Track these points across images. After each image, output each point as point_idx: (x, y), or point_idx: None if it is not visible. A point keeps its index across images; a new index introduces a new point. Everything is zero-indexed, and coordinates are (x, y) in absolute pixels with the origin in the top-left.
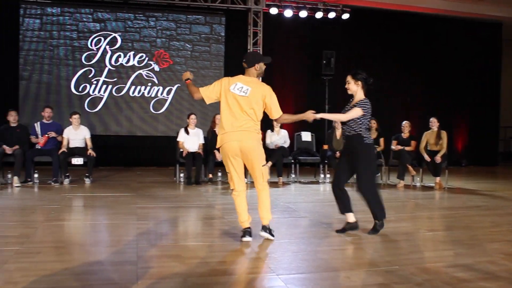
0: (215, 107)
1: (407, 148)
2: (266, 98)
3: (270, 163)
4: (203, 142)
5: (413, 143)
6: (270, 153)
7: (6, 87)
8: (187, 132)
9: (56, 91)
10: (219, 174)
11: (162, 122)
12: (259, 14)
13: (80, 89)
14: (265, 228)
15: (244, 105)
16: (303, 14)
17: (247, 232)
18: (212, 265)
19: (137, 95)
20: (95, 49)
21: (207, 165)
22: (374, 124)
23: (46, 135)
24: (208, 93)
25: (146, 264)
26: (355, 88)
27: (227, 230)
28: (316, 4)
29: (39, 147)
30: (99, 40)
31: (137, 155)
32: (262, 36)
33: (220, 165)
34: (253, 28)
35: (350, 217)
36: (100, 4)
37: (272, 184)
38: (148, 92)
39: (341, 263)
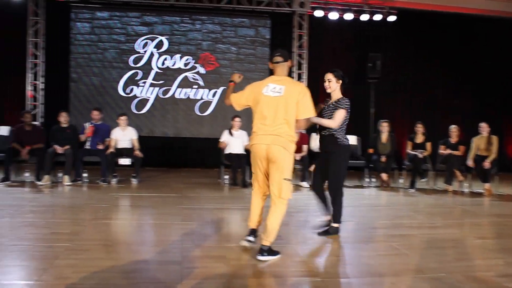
0: None
1: (455, 153)
2: (301, 98)
3: (314, 166)
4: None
5: (461, 148)
6: (315, 156)
7: (58, 89)
8: (231, 134)
9: (105, 93)
10: None
11: (207, 124)
12: (304, 16)
13: (127, 91)
14: (262, 251)
15: (279, 106)
16: (348, 16)
17: (253, 232)
18: (256, 267)
19: (183, 97)
20: (143, 52)
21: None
22: (420, 128)
23: (92, 125)
24: (237, 100)
25: (190, 264)
26: (335, 87)
27: None
28: (362, 6)
29: (88, 139)
30: (146, 43)
31: (183, 157)
32: (308, 39)
33: None
34: (298, 31)
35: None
36: (148, 8)
37: None
38: (194, 95)
39: (386, 268)
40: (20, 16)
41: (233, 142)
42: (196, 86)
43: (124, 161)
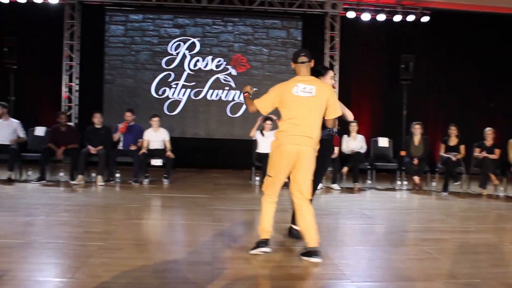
0: None
1: (490, 156)
2: (330, 97)
3: (346, 169)
4: None
5: (497, 151)
6: (346, 158)
7: (92, 91)
8: (262, 134)
9: (138, 94)
10: None
11: (238, 125)
12: (336, 18)
13: (160, 93)
14: (314, 253)
15: (312, 106)
16: (381, 17)
17: (266, 242)
18: (287, 269)
19: (214, 98)
20: (175, 54)
21: None
22: (454, 130)
23: (126, 121)
24: (263, 104)
25: (221, 265)
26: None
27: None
28: (395, 7)
29: (121, 138)
30: (179, 45)
31: (214, 158)
32: (339, 40)
33: None
34: (330, 32)
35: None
36: (180, 10)
37: (348, 190)
38: (225, 96)
39: (417, 273)
40: (57, 19)
41: (264, 142)
42: (227, 88)
43: (156, 161)
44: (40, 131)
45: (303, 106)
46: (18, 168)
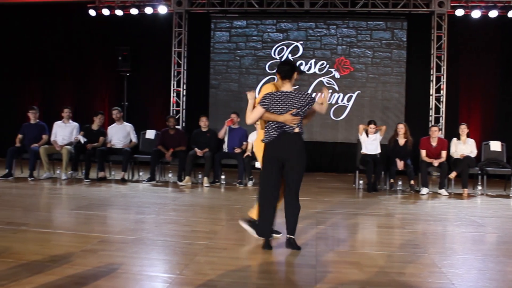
0: (396, 117)
1: None
2: None
3: (454, 173)
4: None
5: None
6: (455, 162)
7: (199, 95)
8: (367, 135)
9: (242, 98)
10: (399, 182)
11: (342, 128)
12: (443, 16)
13: None
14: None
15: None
16: (493, 14)
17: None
18: (392, 275)
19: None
20: (278, 58)
21: (387, 172)
22: None
23: (230, 119)
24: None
25: (324, 268)
26: None
27: (407, 240)
28: (509, 2)
29: (227, 127)
30: (282, 49)
31: (317, 161)
32: (447, 40)
33: (401, 174)
34: (437, 32)
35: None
36: (283, 15)
37: (457, 196)
38: (329, 99)
39: None
40: (165, 28)
41: (369, 143)
42: (330, 91)
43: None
44: (150, 134)
45: None
46: (130, 169)
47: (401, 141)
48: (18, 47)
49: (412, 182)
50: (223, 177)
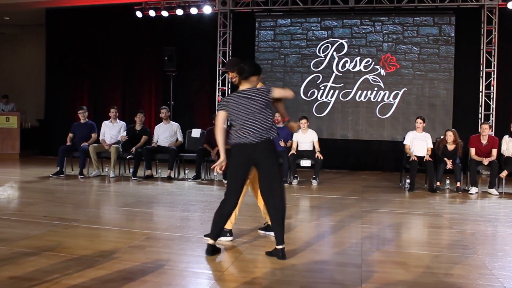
0: (444, 115)
1: None
2: None
3: (505, 172)
4: (431, 147)
5: None
6: (506, 161)
7: None
8: (414, 135)
9: (286, 98)
10: (447, 181)
11: (388, 126)
12: (494, 10)
13: (308, 95)
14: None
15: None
16: None
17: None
18: (439, 276)
19: (363, 99)
20: (323, 56)
21: (435, 172)
22: None
23: (274, 118)
24: None
25: (370, 268)
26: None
27: (456, 240)
28: None
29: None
30: (327, 47)
31: (363, 159)
32: (497, 35)
33: (448, 172)
34: (487, 26)
35: None
36: (328, 13)
37: (508, 196)
38: (374, 97)
39: None
40: (210, 28)
41: (417, 143)
42: (376, 89)
43: (305, 162)
44: (196, 133)
45: None
46: (176, 167)
47: (450, 147)
48: (71, 49)
49: (458, 184)
50: None
